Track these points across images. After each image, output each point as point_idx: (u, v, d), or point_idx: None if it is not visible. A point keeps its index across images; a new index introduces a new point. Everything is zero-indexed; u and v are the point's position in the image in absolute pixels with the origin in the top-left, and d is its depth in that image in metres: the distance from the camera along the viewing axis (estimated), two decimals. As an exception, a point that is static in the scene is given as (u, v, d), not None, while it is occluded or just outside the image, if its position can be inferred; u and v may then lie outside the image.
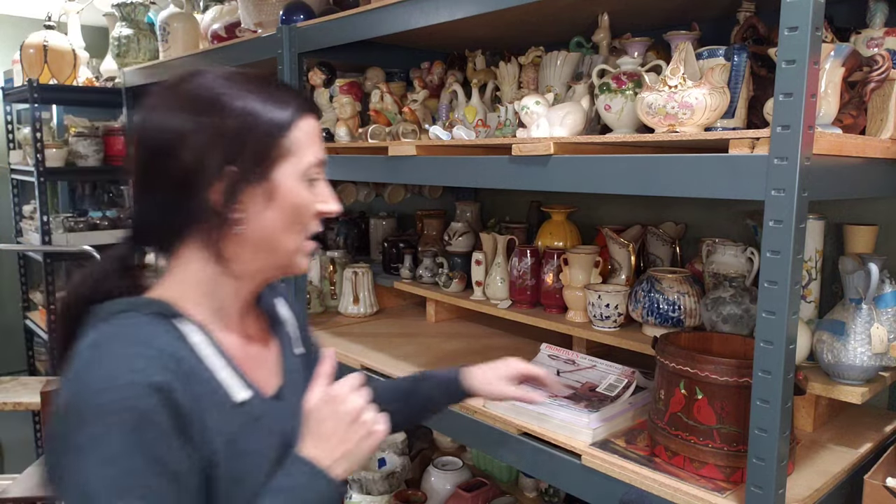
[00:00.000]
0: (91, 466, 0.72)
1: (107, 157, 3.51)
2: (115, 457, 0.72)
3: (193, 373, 0.80)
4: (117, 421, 0.72)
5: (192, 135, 0.82)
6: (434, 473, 2.16)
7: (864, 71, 1.21)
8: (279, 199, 0.86)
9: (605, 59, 1.57)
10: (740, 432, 1.16)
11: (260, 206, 0.85)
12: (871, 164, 1.19)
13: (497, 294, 1.98)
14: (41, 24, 3.49)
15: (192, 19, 2.88)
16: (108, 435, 0.72)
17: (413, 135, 1.88)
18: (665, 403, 1.25)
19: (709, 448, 1.19)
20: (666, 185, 1.14)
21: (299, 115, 0.88)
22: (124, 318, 0.81)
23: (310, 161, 0.88)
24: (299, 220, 0.89)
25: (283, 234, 0.88)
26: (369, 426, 0.88)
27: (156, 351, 0.78)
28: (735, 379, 1.15)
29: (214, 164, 0.82)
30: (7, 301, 4.49)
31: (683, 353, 1.22)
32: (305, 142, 0.88)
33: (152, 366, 0.76)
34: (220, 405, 0.83)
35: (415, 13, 1.62)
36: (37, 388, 2.72)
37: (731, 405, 1.16)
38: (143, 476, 0.73)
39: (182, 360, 0.80)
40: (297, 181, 0.87)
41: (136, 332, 0.80)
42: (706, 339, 1.36)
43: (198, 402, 0.79)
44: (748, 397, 1.08)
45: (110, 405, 0.73)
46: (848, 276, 1.32)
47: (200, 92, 0.84)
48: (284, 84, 0.93)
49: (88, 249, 3.14)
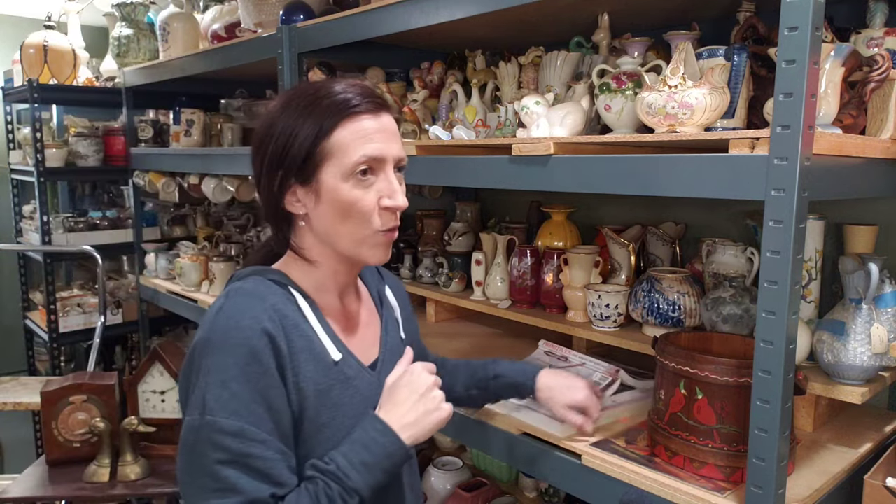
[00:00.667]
0: (211, 385, 0.89)
1: (107, 157, 3.51)
2: (230, 380, 0.89)
3: (297, 328, 0.97)
4: (235, 353, 0.90)
5: (257, 150, 1.01)
6: (434, 473, 2.16)
7: (864, 71, 1.21)
8: (325, 196, 0.98)
9: (605, 59, 1.57)
10: (740, 432, 1.16)
11: (313, 203, 0.99)
12: (871, 164, 1.19)
13: (497, 294, 1.98)
14: (41, 24, 3.49)
15: (192, 19, 2.88)
16: (227, 362, 0.90)
17: (413, 135, 1.88)
18: (665, 403, 1.25)
19: (709, 448, 1.19)
20: (666, 185, 1.14)
21: (342, 118, 0.96)
22: (251, 280, 1.01)
23: (353, 160, 0.96)
24: (350, 215, 0.98)
25: (339, 227, 0.99)
26: (437, 402, 1.01)
27: (269, 305, 0.95)
28: (735, 379, 1.15)
29: (272, 171, 0.99)
30: (7, 301, 4.50)
31: (683, 353, 1.22)
32: (350, 142, 0.96)
33: (264, 315, 0.93)
34: (317, 360, 0.98)
35: (415, 13, 1.62)
36: (37, 388, 2.71)
37: (731, 405, 1.16)
38: (248, 402, 0.89)
39: (287, 317, 0.96)
40: (342, 180, 0.97)
41: (257, 290, 0.98)
42: (706, 339, 1.36)
43: (297, 352, 0.95)
44: (748, 397, 1.08)
45: (232, 339, 0.91)
46: (848, 276, 1.32)
47: (267, 115, 1.01)
48: (354, 85, 1.00)
49: (88, 249, 3.15)
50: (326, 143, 0.96)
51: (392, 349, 1.14)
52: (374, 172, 0.98)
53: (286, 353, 0.94)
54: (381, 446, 0.94)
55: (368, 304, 1.16)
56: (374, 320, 1.16)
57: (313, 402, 0.96)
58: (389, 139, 1.00)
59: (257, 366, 0.90)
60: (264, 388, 0.91)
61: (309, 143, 0.96)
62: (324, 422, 0.97)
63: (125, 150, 3.42)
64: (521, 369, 1.34)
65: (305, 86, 1.03)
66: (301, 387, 0.95)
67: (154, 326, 3.55)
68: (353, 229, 0.99)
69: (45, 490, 1.91)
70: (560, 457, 1.36)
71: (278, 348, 0.93)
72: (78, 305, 3.50)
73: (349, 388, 1.01)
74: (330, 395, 0.98)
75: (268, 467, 0.89)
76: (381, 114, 1.00)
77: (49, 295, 3.32)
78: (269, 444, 0.90)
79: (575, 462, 1.33)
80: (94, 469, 1.95)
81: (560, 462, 1.36)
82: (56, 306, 3.37)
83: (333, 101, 0.97)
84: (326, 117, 0.96)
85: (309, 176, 0.98)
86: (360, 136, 0.97)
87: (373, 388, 1.05)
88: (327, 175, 0.97)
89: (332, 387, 0.99)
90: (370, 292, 1.19)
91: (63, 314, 3.41)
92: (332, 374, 0.99)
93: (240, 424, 0.88)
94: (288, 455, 0.93)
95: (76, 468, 1.99)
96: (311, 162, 0.97)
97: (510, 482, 2.20)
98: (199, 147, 2.92)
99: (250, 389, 0.90)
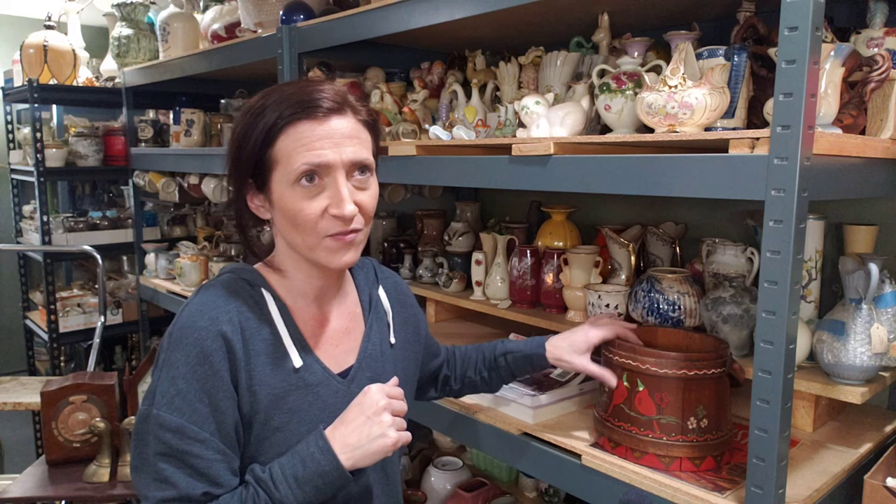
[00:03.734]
0: (163, 380, 0.92)
1: (107, 157, 3.51)
2: (178, 378, 0.91)
3: (259, 331, 0.97)
4: (188, 352, 0.91)
5: (227, 154, 1.02)
6: (434, 473, 2.16)
7: (864, 71, 1.21)
8: (276, 204, 0.98)
9: (605, 59, 1.57)
10: (679, 423, 1.21)
11: (271, 210, 1.00)
12: (871, 164, 1.19)
13: (497, 294, 1.98)
14: (41, 24, 3.49)
15: (192, 19, 2.88)
16: (178, 360, 0.92)
17: (413, 135, 1.88)
18: (609, 396, 1.31)
19: (649, 438, 1.23)
20: (666, 185, 1.14)
21: (286, 125, 0.94)
22: (226, 277, 1.02)
23: (294, 168, 0.94)
24: (297, 223, 0.96)
25: (291, 234, 0.99)
26: (384, 427, 0.95)
27: (233, 306, 0.96)
28: (674, 371, 1.20)
29: (233, 179, 1.01)
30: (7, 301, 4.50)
31: (626, 346, 1.28)
32: (293, 150, 0.94)
33: (224, 317, 0.94)
34: (276, 364, 0.97)
35: (415, 13, 1.62)
36: (37, 388, 2.71)
37: (670, 396, 1.21)
38: (193, 400, 0.90)
39: (250, 320, 0.97)
40: (288, 187, 0.95)
41: (225, 290, 0.98)
42: (650, 333, 1.42)
43: (254, 356, 0.95)
44: (687, 389, 1.18)
45: (187, 338, 0.92)
46: (848, 276, 1.32)
47: (245, 106, 1.01)
48: (314, 86, 0.98)
49: (88, 249, 3.14)
50: (272, 151, 0.95)
51: (372, 357, 1.10)
52: (321, 179, 0.95)
53: (241, 357, 0.94)
54: (316, 463, 0.92)
55: (353, 310, 1.13)
56: (357, 327, 1.12)
57: (266, 406, 0.95)
58: (339, 144, 0.95)
59: (207, 367, 0.91)
60: (211, 389, 0.91)
61: (257, 149, 0.96)
62: (276, 425, 0.96)
63: (125, 150, 3.42)
64: (529, 341, 1.34)
65: (267, 89, 1.01)
66: (254, 390, 0.95)
67: (154, 326, 3.55)
68: (304, 237, 0.97)
69: (45, 490, 1.91)
70: (560, 457, 1.36)
71: (232, 351, 0.93)
72: (78, 305, 3.50)
73: (309, 394, 0.99)
74: (286, 400, 0.97)
75: (205, 466, 0.90)
76: (330, 118, 0.95)
77: (49, 295, 3.32)
78: (209, 443, 0.91)
79: (575, 462, 1.33)
80: (94, 469, 1.95)
81: (560, 462, 1.36)
82: (56, 306, 3.37)
83: (279, 107, 0.95)
84: (273, 124, 0.95)
85: (263, 183, 0.98)
86: (302, 143, 0.94)
87: (340, 396, 1.02)
88: (275, 183, 0.96)
89: (288, 392, 0.97)
90: (360, 297, 1.15)
91: (63, 314, 3.41)
92: (291, 379, 0.98)
93: (180, 421, 0.90)
94: (230, 456, 0.93)
95: (76, 468, 1.99)
96: (262, 168, 0.97)
97: (510, 482, 2.20)
98: (199, 147, 2.92)
99: (197, 389, 0.91)
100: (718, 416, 1.23)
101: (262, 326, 0.98)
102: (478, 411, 1.54)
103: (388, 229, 2.66)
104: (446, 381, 1.37)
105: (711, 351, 1.25)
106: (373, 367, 1.09)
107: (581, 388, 1.55)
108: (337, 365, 1.05)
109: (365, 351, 1.09)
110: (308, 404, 0.99)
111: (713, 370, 1.21)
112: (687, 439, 1.21)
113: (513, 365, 1.33)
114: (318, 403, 1.00)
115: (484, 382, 1.37)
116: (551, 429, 1.42)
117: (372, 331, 1.12)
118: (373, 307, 1.15)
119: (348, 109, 0.98)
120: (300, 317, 1.04)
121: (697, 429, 1.21)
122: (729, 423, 1.27)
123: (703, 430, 1.21)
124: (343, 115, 0.97)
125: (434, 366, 1.35)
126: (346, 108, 0.98)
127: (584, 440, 1.36)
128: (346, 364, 1.07)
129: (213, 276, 1.04)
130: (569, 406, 1.52)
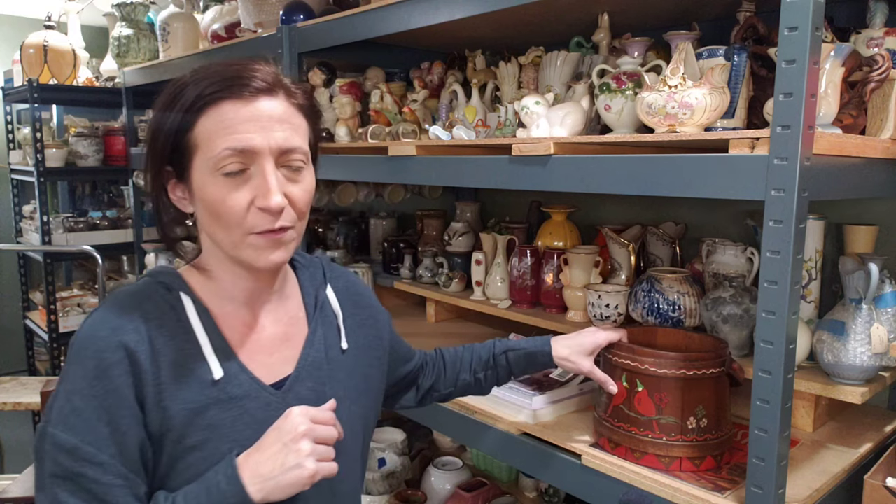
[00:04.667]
0: (59, 394, 0.83)
1: (107, 157, 3.51)
2: (74, 393, 0.82)
3: (173, 340, 0.87)
4: (85, 365, 0.82)
5: (146, 134, 0.92)
6: (434, 473, 2.16)
7: (864, 71, 1.21)
8: (196, 194, 0.88)
9: (605, 59, 1.57)
10: (678, 423, 1.21)
11: (192, 203, 0.90)
12: (871, 164, 1.19)
13: (497, 294, 1.98)
14: (41, 24, 3.49)
15: (192, 19, 2.88)
16: (76, 373, 0.83)
17: (413, 135, 1.88)
18: (608, 396, 1.30)
19: (648, 438, 1.23)
20: (666, 185, 1.14)
21: (206, 105, 0.84)
22: (143, 281, 0.92)
23: (215, 154, 0.84)
24: (219, 216, 0.86)
25: (213, 229, 0.89)
26: (301, 456, 0.83)
27: (140, 313, 0.86)
28: (673, 371, 1.20)
29: (149, 165, 0.90)
30: (7, 301, 4.50)
31: (625, 346, 1.27)
32: (214, 132, 0.84)
33: (129, 326, 0.85)
34: (192, 376, 0.86)
35: (415, 13, 1.62)
36: (37, 388, 2.72)
37: (669, 397, 1.21)
38: (90, 419, 0.81)
39: (162, 328, 0.87)
40: (209, 175, 0.85)
41: (136, 295, 0.89)
42: (650, 333, 1.42)
43: (165, 367, 0.85)
44: (686, 388, 1.20)
45: (86, 350, 0.83)
46: (848, 276, 1.32)
47: (160, 92, 0.90)
48: (236, 65, 0.88)
49: (88, 249, 3.14)
50: (192, 134, 0.85)
51: (315, 365, 0.98)
52: (246, 166, 0.85)
53: (147, 369, 0.83)
54: (221, 494, 0.81)
55: (294, 314, 1.01)
56: (299, 333, 1.00)
57: (181, 423, 0.85)
58: (267, 127, 0.85)
59: (106, 382, 0.81)
60: (111, 406, 0.81)
61: (174, 131, 0.86)
62: (193, 444, 0.85)
63: (125, 150, 3.43)
64: (532, 340, 1.29)
65: (197, 66, 0.90)
66: (165, 406, 0.84)
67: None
68: (226, 232, 0.87)
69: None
70: (560, 457, 1.36)
71: (137, 363, 0.83)
72: (78, 305, 3.51)
73: (233, 408, 0.88)
74: (204, 416, 0.86)
75: (102, 492, 0.80)
76: (258, 98, 0.85)
77: (49, 295, 3.33)
78: (109, 467, 0.80)
79: (575, 462, 1.33)
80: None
81: (560, 462, 1.36)
82: (56, 306, 3.37)
83: (200, 85, 0.85)
84: (192, 103, 0.85)
85: (183, 170, 0.88)
86: (225, 126, 0.84)
87: (272, 409, 0.90)
88: (195, 170, 0.86)
89: (207, 406, 0.86)
90: (304, 299, 1.03)
91: (63, 314, 3.42)
92: (210, 392, 0.87)
93: (75, 442, 0.80)
94: (133, 481, 0.82)
95: (76, 468, 1.99)
96: (181, 153, 0.87)
97: (510, 482, 2.20)
98: (199, 147, 2.91)
99: (95, 407, 0.81)
100: (718, 416, 1.23)
101: (177, 334, 0.87)
102: (478, 411, 1.54)
103: (388, 229, 2.66)
104: (432, 388, 1.29)
105: (710, 351, 1.25)
106: (316, 375, 0.97)
107: (581, 388, 1.56)
108: (270, 375, 0.93)
109: (306, 359, 0.97)
110: (231, 420, 0.87)
111: (712, 370, 1.21)
112: (686, 439, 1.21)
113: (514, 363, 1.28)
114: (244, 419, 0.88)
115: (478, 383, 1.30)
116: (551, 429, 1.42)
117: (315, 336, 1.00)
118: (318, 310, 1.02)
119: (280, 90, 0.88)
120: (227, 323, 0.92)
121: (697, 429, 1.21)
122: (728, 422, 1.27)
123: (702, 430, 1.21)
124: (273, 96, 0.87)
125: (404, 371, 1.24)
126: (277, 88, 0.87)
127: (584, 441, 1.36)
128: (283, 374, 0.95)
129: None
130: (569, 406, 1.52)
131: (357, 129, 2.07)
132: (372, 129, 1.93)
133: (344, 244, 2.70)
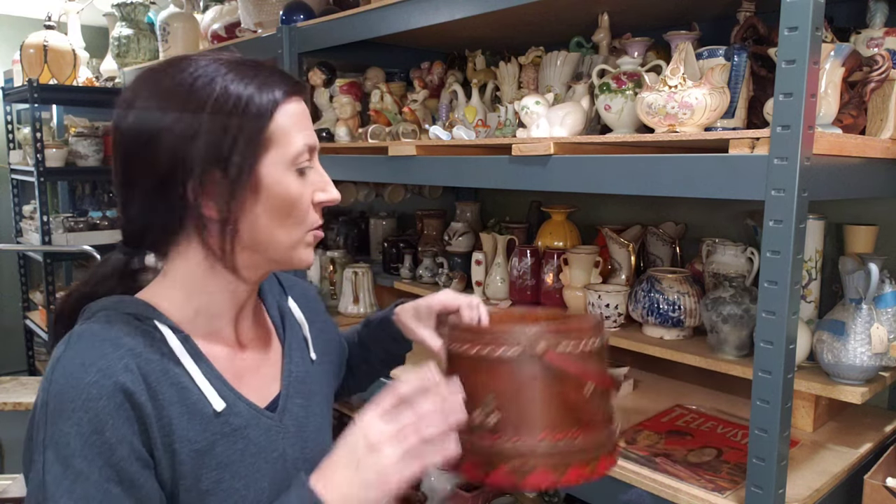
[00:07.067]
0: (51, 464, 0.69)
1: (107, 157, 3.51)
2: (72, 457, 0.69)
3: (166, 375, 0.76)
4: (77, 420, 0.69)
5: (169, 129, 0.76)
6: (434, 473, 2.16)
7: (864, 71, 1.21)
8: (266, 193, 0.79)
9: (605, 59, 1.57)
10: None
11: (247, 202, 0.78)
12: (871, 164, 1.19)
13: (497, 294, 1.98)
14: (41, 24, 3.49)
15: (192, 19, 2.88)
16: (67, 433, 0.69)
17: (413, 135, 1.88)
18: None
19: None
20: (666, 185, 1.14)
21: (284, 97, 0.80)
22: (101, 316, 0.78)
23: (297, 148, 0.80)
24: (291, 214, 0.81)
25: (276, 231, 0.81)
26: (384, 463, 0.71)
27: (125, 350, 0.74)
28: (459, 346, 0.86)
29: (193, 160, 0.76)
30: (7, 301, 4.49)
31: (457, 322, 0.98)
32: (292, 127, 0.80)
33: (118, 364, 0.72)
34: (193, 412, 0.77)
35: (415, 13, 1.62)
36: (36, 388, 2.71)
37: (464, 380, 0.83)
38: (99, 481, 0.69)
39: (152, 362, 0.76)
40: (285, 172, 0.80)
41: (108, 331, 0.76)
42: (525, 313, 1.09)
43: (166, 406, 0.75)
44: (474, 371, 0.84)
45: (72, 403, 0.70)
46: (848, 276, 1.32)
47: (179, 81, 0.77)
48: (265, 64, 0.83)
49: (88, 249, 3.14)
50: (271, 126, 0.79)
51: (299, 379, 0.92)
52: (310, 163, 0.83)
53: (150, 411, 0.73)
54: None
55: (267, 326, 0.94)
56: (273, 347, 0.93)
57: (192, 466, 0.76)
58: (312, 126, 0.85)
59: (109, 433, 0.70)
60: (119, 460, 0.70)
61: (256, 121, 0.77)
62: (207, 488, 0.76)
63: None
64: (390, 307, 1.12)
65: (194, 61, 0.79)
66: (174, 448, 0.74)
67: (154, 326, 3.54)
68: (291, 230, 0.82)
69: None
70: (560, 457, 1.35)
71: (138, 406, 0.72)
72: (78, 305, 3.50)
73: (238, 441, 0.80)
74: (213, 455, 0.77)
75: None
76: (304, 96, 0.85)
77: (49, 295, 3.33)
78: None
79: (575, 462, 1.32)
80: (94, 469, 1.95)
81: (560, 462, 1.35)
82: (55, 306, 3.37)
83: (263, 82, 0.79)
84: (271, 90, 0.79)
85: (246, 168, 0.77)
86: (300, 119, 0.82)
87: (272, 434, 0.84)
88: (269, 166, 0.78)
89: (214, 444, 0.78)
90: (269, 311, 0.96)
91: (63, 314, 3.41)
92: (214, 427, 0.78)
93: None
94: None
95: (76, 468, 1.99)
96: (250, 150, 0.77)
97: (510, 482, 2.20)
98: (199, 147, 2.92)
99: (101, 465, 0.69)
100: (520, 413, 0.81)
101: (167, 368, 0.77)
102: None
103: (388, 229, 2.66)
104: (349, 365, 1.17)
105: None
106: (301, 390, 0.91)
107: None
108: (262, 397, 0.86)
109: (289, 374, 0.91)
110: (239, 454, 0.80)
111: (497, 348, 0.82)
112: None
113: (375, 336, 1.11)
114: (250, 450, 0.81)
115: (371, 367, 1.16)
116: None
117: (292, 349, 0.94)
118: (286, 321, 0.96)
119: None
120: (211, 346, 0.83)
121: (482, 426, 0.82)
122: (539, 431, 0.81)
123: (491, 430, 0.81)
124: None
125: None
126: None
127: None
128: (272, 394, 0.88)
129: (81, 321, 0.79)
130: None
131: (357, 129, 2.07)
132: (372, 129, 1.93)
133: (344, 244, 2.70)
